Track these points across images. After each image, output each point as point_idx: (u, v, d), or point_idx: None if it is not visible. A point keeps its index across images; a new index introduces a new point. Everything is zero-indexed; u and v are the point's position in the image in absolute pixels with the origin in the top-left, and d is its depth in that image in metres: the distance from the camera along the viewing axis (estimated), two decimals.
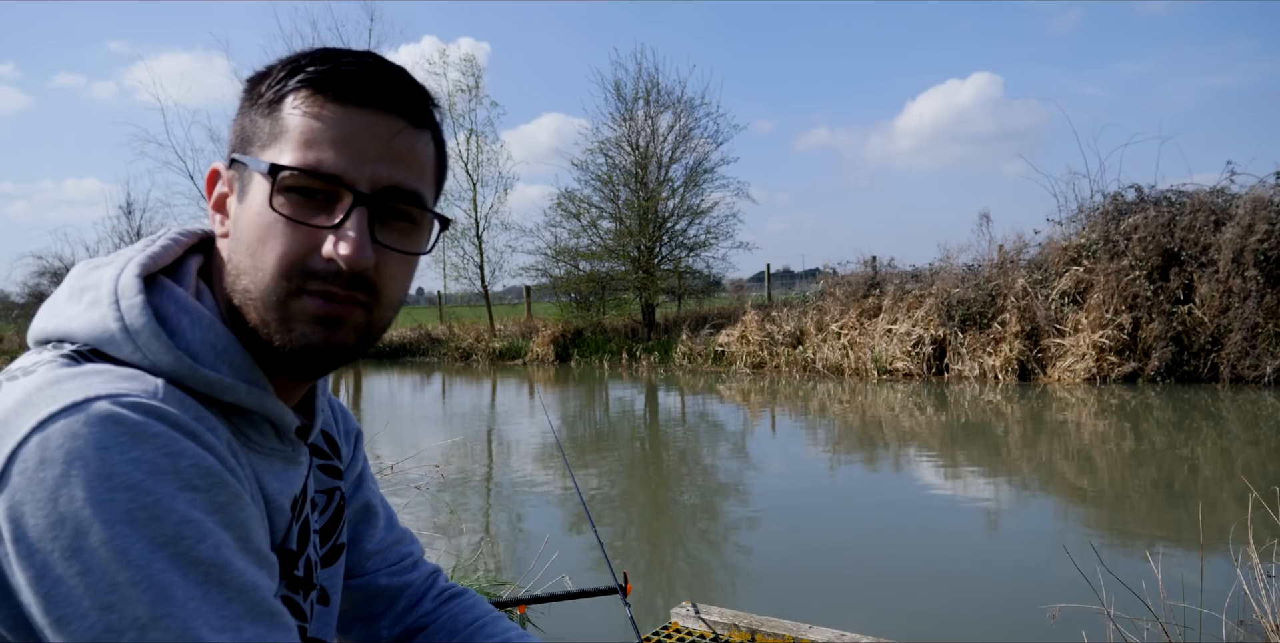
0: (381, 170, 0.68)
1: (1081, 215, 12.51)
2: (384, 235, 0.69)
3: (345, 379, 15.52)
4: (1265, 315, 10.03)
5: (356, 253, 0.66)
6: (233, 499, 0.60)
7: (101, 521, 0.53)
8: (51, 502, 0.53)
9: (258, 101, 0.71)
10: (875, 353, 12.44)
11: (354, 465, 0.95)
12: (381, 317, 0.72)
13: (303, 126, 0.67)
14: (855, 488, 6.03)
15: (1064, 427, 8.07)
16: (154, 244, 0.72)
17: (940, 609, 3.53)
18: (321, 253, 0.67)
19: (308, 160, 0.67)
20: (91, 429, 0.55)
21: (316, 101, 0.68)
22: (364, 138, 0.68)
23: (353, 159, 0.67)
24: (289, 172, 0.67)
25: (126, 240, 18.04)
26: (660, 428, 9.14)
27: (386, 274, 0.70)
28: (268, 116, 0.69)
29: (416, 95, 0.72)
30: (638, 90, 18.26)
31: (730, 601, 3.46)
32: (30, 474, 0.54)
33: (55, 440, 0.54)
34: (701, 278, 18.61)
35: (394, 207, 0.70)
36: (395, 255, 0.71)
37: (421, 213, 0.72)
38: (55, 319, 0.67)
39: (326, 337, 0.68)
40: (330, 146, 0.67)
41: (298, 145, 0.67)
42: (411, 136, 0.71)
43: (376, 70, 0.69)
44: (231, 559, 0.57)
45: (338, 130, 0.67)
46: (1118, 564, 3.85)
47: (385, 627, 0.97)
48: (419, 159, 0.72)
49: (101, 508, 0.53)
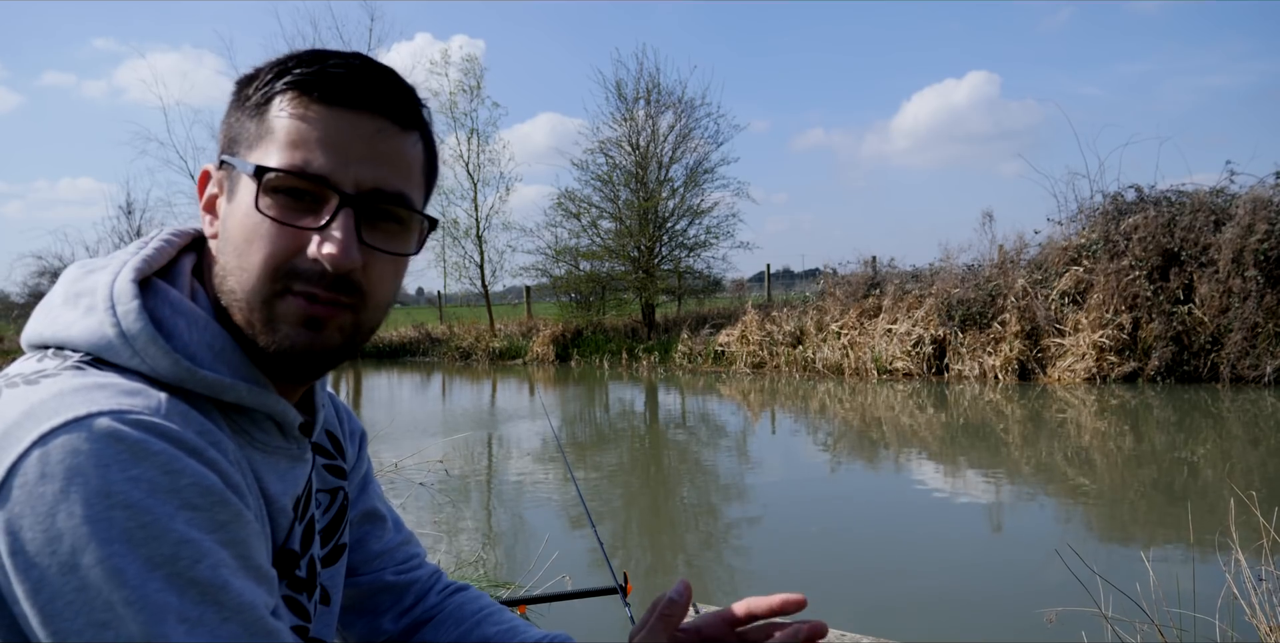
0: (367, 171, 0.68)
1: (1081, 215, 12.52)
2: (371, 236, 0.69)
3: (345, 379, 15.53)
4: (1265, 315, 10.02)
5: (342, 254, 0.66)
6: (233, 518, 0.60)
7: (99, 539, 0.53)
8: (50, 517, 0.53)
9: (246, 103, 0.71)
10: (875, 353, 12.44)
11: (358, 467, 0.96)
12: (369, 318, 0.72)
13: (289, 128, 0.67)
14: (855, 488, 6.04)
15: (1064, 427, 8.07)
16: (147, 246, 0.72)
17: (940, 609, 3.54)
18: (307, 254, 0.67)
19: (294, 161, 0.67)
20: (93, 446, 0.55)
21: (302, 103, 0.68)
22: (350, 139, 0.68)
23: (338, 160, 0.67)
24: (275, 173, 0.67)
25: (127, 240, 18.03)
26: (660, 428, 9.15)
27: (374, 275, 0.70)
28: (255, 118, 0.69)
29: (403, 96, 0.71)
30: (638, 90, 18.28)
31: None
32: (30, 489, 0.54)
33: (56, 456, 0.54)
34: (701, 278, 18.59)
35: (381, 208, 0.70)
36: (383, 256, 0.71)
37: (409, 213, 0.72)
38: (52, 325, 0.67)
39: (311, 339, 0.68)
40: (316, 148, 0.67)
41: (283, 146, 0.67)
42: (398, 138, 0.71)
43: (363, 72, 0.69)
44: (229, 579, 0.57)
45: (324, 132, 0.67)
46: (1117, 565, 3.86)
47: (389, 621, 0.97)
48: (406, 160, 0.71)
49: (99, 526, 0.53)
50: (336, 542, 0.88)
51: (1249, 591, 2.53)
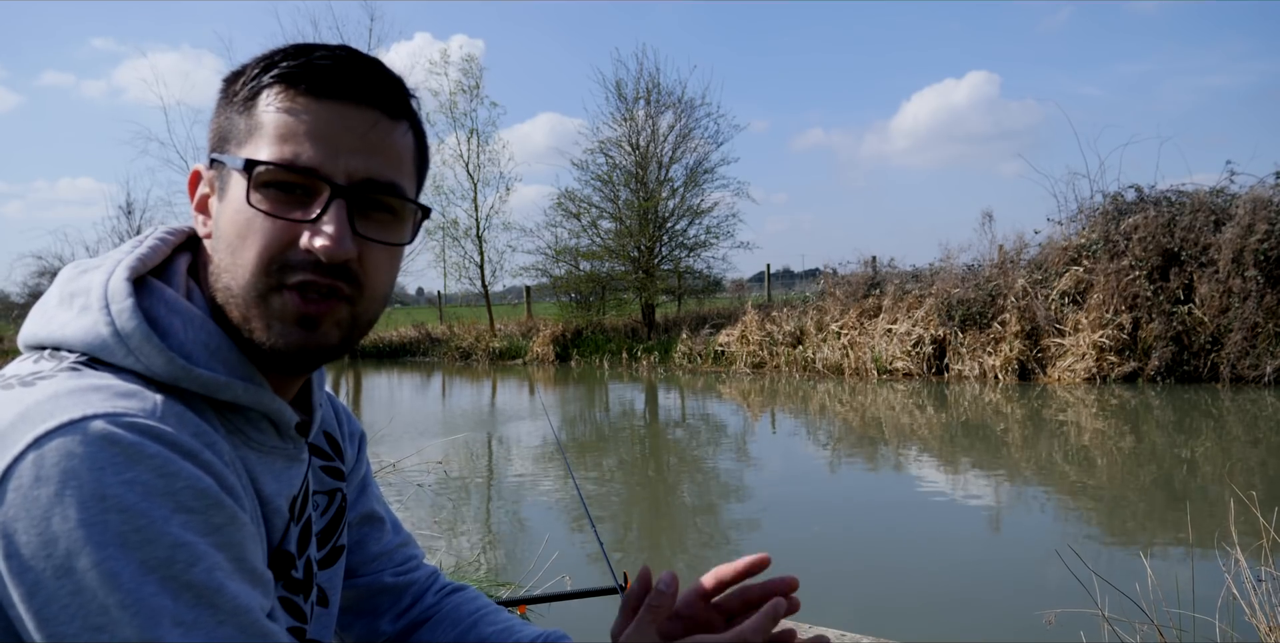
0: (358, 162, 0.68)
1: (1081, 215, 12.52)
2: (364, 227, 0.69)
3: (345, 379, 15.54)
4: (1265, 315, 10.02)
5: (335, 245, 0.66)
6: (229, 520, 0.60)
7: (94, 542, 0.53)
8: (45, 521, 0.53)
9: (233, 99, 0.70)
10: (875, 353, 12.44)
11: (357, 469, 0.96)
12: (366, 310, 0.71)
13: (277, 121, 0.67)
14: (855, 488, 6.04)
15: (1064, 427, 8.07)
16: (141, 245, 0.72)
17: (940, 610, 3.54)
18: (300, 246, 0.67)
19: (283, 154, 0.66)
20: (87, 449, 0.55)
21: (290, 96, 0.68)
22: (339, 130, 0.68)
23: (329, 152, 0.67)
24: (265, 166, 0.66)
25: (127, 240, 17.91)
26: (660, 428, 9.15)
27: (370, 266, 0.70)
28: (243, 114, 0.69)
29: (391, 86, 0.71)
30: (638, 90, 18.31)
31: None
32: (25, 492, 0.54)
33: (51, 459, 0.54)
34: (701, 278, 18.61)
35: (373, 198, 0.70)
36: (377, 247, 0.70)
37: (402, 203, 0.72)
38: (47, 325, 0.67)
39: (305, 338, 0.68)
40: (306, 140, 0.67)
41: (273, 140, 0.67)
42: (387, 127, 0.70)
43: (349, 63, 0.69)
44: (224, 582, 0.57)
45: (312, 124, 0.67)
46: (1117, 565, 3.86)
47: (388, 621, 0.97)
48: (396, 150, 0.71)
49: (94, 530, 0.53)
50: (334, 544, 0.87)
51: (1249, 591, 2.53)
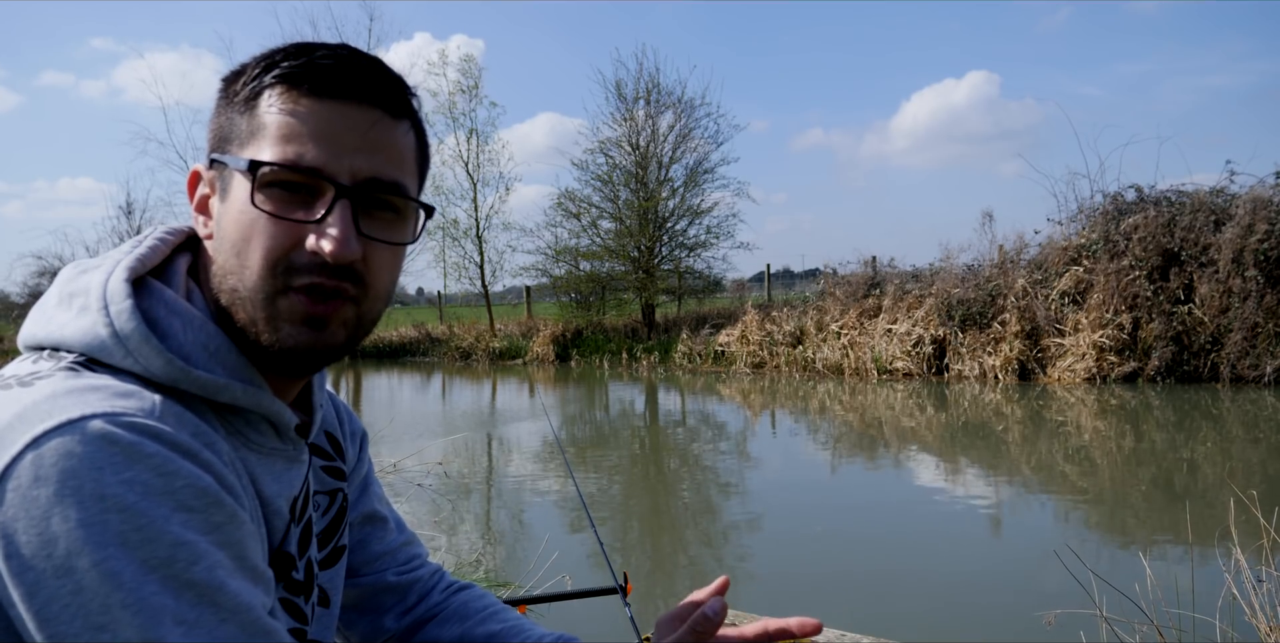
0: (361, 162, 0.68)
1: (1081, 215, 12.52)
2: (369, 227, 0.69)
3: (345, 379, 15.53)
4: (1265, 315, 10.02)
5: (341, 246, 0.66)
6: (229, 518, 0.59)
7: (94, 542, 0.53)
8: (44, 521, 0.53)
9: (234, 99, 0.70)
10: (875, 353, 12.44)
11: (359, 469, 0.95)
12: (370, 309, 0.71)
13: (280, 122, 0.67)
14: (855, 488, 6.04)
15: (1064, 427, 8.07)
16: (141, 245, 0.72)
17: (941, 609, 3.54)
18: (305, 248, 0.66)
19: (287, 155, 0.66)
20: (86, 449, 0.55)
21: (292, 96, 0.67)
22: (342, 130, 0.67)
23: (332, 152, 0.67)
24: (269, 167, 0.66)
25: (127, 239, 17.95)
26: (660, 428, 9.15)
27: (374, 266, 0.70)
28: (244, 114, 0.69)
29: (392, 85, 0.71)
30: (638, 90, 18.30)
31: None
32: (24, 492, 0.54)
33: (49, 459, 0.54)
34: (701, 278, 18.60)
35: (377, 197, 0.70)
36: (381, 246, 0.70)
37: (405, 202, 0.72)
38: (46, 326, 0.67)
39: (314, 339, 0.68)
40: (309, 140, 0.67)
41: (276, 140, 0.67)
42: (389, 127, 0.70)
43: (350, 62, 0.69)
44: (226, 581, 0.57)
45: (315, 124, 0.67)
46: (1116, 565, 3.86)
47: (392, 619, 0.96)
48: (398, 149, 0.71)
49: (94, 529, 0.53)
50: (335, 544, 0.87)
51: (1249, 591, 2.53)
